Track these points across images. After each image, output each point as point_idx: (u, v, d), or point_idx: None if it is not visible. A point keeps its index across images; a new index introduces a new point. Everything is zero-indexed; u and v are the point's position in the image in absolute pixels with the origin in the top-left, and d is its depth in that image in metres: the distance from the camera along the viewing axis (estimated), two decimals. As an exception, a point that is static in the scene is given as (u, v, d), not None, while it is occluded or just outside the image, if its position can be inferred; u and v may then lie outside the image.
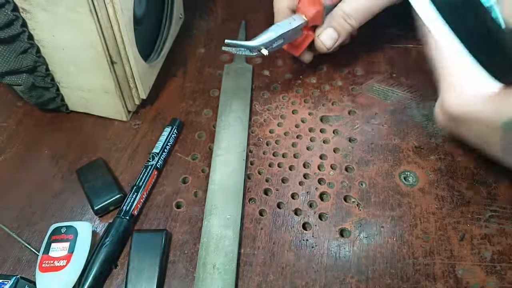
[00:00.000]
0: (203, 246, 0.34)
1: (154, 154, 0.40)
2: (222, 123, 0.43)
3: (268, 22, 0.54)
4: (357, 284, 0.33)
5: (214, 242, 0.34)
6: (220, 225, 0.35)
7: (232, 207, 0.36)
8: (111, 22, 0.36)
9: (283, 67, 0.49)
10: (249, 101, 0.45)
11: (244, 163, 0.40)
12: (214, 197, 0.37)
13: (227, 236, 0.35)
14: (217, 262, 0.33)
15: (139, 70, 0.40)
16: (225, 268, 0.33)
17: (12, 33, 0.35)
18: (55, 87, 0.42)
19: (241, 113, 0.43)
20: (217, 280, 0.32)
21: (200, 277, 0.33)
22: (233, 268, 0.33)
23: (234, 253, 0.34)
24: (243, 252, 0.35)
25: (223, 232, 0.35)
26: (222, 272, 0.33)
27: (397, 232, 0.36)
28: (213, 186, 0.38)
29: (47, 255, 0.33)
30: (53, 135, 0.43)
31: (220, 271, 0.33)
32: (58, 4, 0.34)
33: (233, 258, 0.34)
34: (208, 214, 0.36)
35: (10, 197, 0.39)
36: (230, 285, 0.32)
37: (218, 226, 0.35)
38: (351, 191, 0.38)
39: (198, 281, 0.33)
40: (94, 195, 0.37)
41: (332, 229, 0.36)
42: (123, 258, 0.35)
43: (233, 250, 0.34)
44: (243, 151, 0.40)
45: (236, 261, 0.34)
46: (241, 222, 0.36)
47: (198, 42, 0.53)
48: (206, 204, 0.37)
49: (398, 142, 0.42)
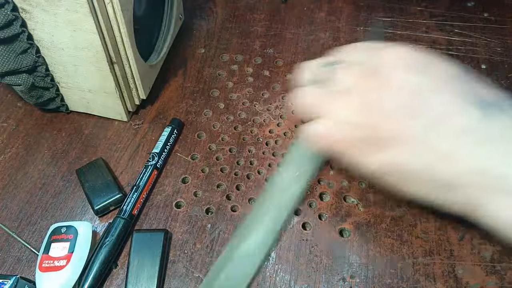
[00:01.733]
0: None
1: (154, 154, 0.40)
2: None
3: (267, 22, 0.54)
4: (357, 284, 0.33)
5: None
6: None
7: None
8: (111, 22, 0.36)
9: (283, 67, 0.49)
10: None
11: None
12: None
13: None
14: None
15: (139, 70, 0.40)
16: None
17: (11, 33, 0.35)
18: (55, 87, 0.42)
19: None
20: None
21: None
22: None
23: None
24: (243, 252, 0.35)
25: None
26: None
27: (397, 232, 0.36)
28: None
29: (47, 255, 0.33)
30: (53, 135, 0.44)
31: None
32: (58, 4, 0.34)
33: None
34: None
35: (10, 197, 0.39)
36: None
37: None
38: (350, 191, 0.38)
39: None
40: (94, 195, 0.37)
41: (331, 229, 0.36)
42: (123, 258, 0.35)
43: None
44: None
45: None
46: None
47: (198, 42, 0.53)
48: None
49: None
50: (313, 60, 0.34)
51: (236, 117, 0.44)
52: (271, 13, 0.56)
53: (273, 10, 0.56)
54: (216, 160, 0.41)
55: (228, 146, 0.42)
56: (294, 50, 0.51)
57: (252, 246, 0.34)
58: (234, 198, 0.38)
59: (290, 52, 0.51)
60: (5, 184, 0.40)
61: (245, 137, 0.43)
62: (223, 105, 0.46)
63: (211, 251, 0.35)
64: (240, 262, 0.33)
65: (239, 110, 0.45)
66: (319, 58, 0.34)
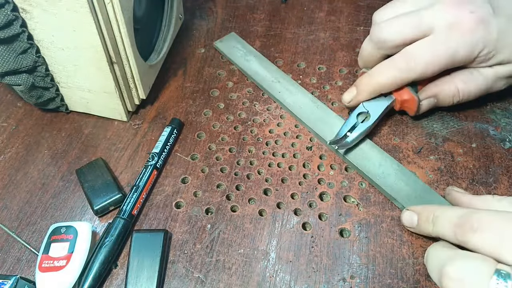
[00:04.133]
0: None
1: (154, 154, 0.40)
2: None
3: (267, 22, 0.54)
4: (357, 284, 0.33)
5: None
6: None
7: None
8: (111, 22, 0.36)
9: (283, 67, 0.49)
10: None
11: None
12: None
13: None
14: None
15: (139, 70, 0.40)
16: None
17: (11, 33, 0.35)
18: (55, 87, 0.42)
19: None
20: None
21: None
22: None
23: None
24: (242, 251, 0.35)
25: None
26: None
27: (397, 232, 0.36)
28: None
29: (47, 255, 0.33)
30: (53, 135, 0.43)
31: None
32: (58, 4, 0.34)
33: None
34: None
35: (10, 197, 0.39)
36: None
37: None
38: (350, 191, 0.38)
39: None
40: (94, 195, 0.37)
41: (332, 229, 0.36)
42: (123, 258, 0.35)
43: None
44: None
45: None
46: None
47: (198, 42, 0.53)
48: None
49: (398, 142, 0.42)
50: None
51: (236, 117, 0.44)
52: (271, 13, 0.56)
53: (273, 10, 0.56)
54: (216, 160, 0.41)
55: (228, 146, 0.42)
56: (294, 50, 0.51)
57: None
58: (234, 198, 0.38)
59: (290, 52, 0.51)
60: (5, 184, 0.40)
61: (245, 137, 0.43)
62: (223, 105, 0.46)
63: (211, 251, 0.35)
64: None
65: (239, 110, 0.45)
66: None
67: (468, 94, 0.40)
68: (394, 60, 0.38)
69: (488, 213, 0.28)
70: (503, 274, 0.24)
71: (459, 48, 0.36)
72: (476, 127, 0.42)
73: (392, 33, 0.38)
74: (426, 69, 0.37)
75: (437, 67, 0.37)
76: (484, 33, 0.36)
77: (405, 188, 0.37)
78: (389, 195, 0.37)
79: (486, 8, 0.36)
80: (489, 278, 0.25)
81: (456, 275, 0.26)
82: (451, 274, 0.26)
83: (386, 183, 0.38)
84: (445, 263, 0.27)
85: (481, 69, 0.39)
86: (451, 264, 0.27)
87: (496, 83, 0.39)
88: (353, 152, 0.40)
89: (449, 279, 0.26)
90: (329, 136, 0.41)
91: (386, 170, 0.39)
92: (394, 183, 0.38)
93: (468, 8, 0.36)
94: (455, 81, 0.39)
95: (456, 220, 0.29)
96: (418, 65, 0.37)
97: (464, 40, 0.36)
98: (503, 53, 0.37)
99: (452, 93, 0.40)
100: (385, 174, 0.38)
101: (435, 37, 0.36)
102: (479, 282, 0.25)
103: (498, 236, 0.26)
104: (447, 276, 0.26)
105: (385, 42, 0.38)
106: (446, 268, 0.27)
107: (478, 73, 0.39)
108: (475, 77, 0.39)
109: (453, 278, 0.26)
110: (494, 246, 0.26)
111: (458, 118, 0.43)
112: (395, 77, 0.39)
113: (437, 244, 0.31)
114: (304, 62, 0.50)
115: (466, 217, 0.28)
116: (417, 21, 0.37)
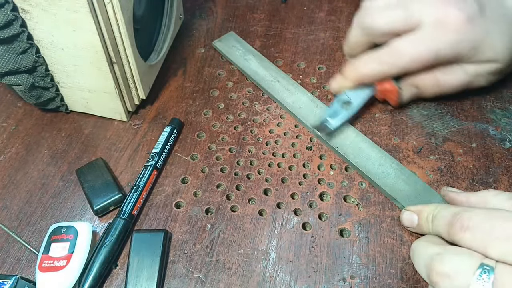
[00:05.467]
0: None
1: (154, 154, 0.40)
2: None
3: (267, 21, 0.54)
4: (357, 284, 0.33)
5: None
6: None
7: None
8: (111, 22, 0.36)
9: (283, 66, 0.49)
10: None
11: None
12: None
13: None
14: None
15: (139, 70, 0.40)
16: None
17: (11, 33, 0.35)
18: (55, 87, 0.42)
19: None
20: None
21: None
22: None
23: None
24: (242, 251, 0.35)
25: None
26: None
27: (397, 232, 0.36)
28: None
29: (47, 255, 0.33)
30: (53, 135, 0.43)
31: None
32: (58, 4, 0.34)
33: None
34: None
35: (10, 197, 0.39)
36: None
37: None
38: (350, 191, 0.38)
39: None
40: (94, 195, 0.37)
41: (332, 229, 0.36)
42: (123, 258, 0.35)
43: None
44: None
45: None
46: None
47: (198, 42, 0.53)
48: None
49: (398, 142, 0.42)
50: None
51: (236, 117, 0.44)
52: (271, 13, 0.56)
53: (273, 10, 0.56)
54: (216, 160, 0.41)
55: (228, 146, 0.42)
56: (294, 50, 0.51)
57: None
58: (234, 198, 0.38)
59: (290, 52, 0.51)
60: (5, 184, 0.40)
61: (245, 137, 0.43)
62: (223, 105, 0.46)
63: (211, 251, 0.35)
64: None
65: (239, 110, 0.45)
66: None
67: (449, 86, 0.40)
68: (379, 53, 0.39)
69: (478, 212, 0.28)
70: (487, 268, 0.25)
71: (444, 46, 0.37)
72: (476, 127, 0.42)
73: (380, 21, 0.38)
74: (410, 65, 0.38)
75: (421, 63, 0.38)
76: (470, 33, 0.36)
77: (405, 188, 0.37)
78: (389, 195, 0.37)
79: (474, 7, 0.36)
80: (474, 272, 0.25)
81: (444, 270, 0.27)
82: (439, 269, 0.27)
83: (386, 183, 0.38)
84: (433, 258, 0.27)
85: (463, 64, 0.39)
86: (439, 259, 0.27)
87: (476, 78, 0.40)
88: (353, 152, 0.40)
89: (437, 274, 0.27)
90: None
91: (386, 170, 0.39)
92: (394, 183, 0.38)
93: (456, 6, 0.36)
94: (435, 72, 0.40)
95: (450, 218, 0.29)
96: (403, 61, 0.38)
97: (450, 39, 0.37)
98: (485, 53, 0.37)
99: (431, 83, 0.40)
100: (385, 174, 0.38)
101: (422, 33, 0.37)
102: (464, 276, 0.26)
103: (487, 234, 0.26)
104: (435, 271, 0.27)
105: (372, 29, 0.39)
106: (434, 264, 0.27)
107: (459, 66, 0.39)
108: (455, 70, 0.39)
109: (441, 273, 0.27)
110: (482, 243, 0.26)
111: (458, 118, 0.43)
112: (378, 70, 0.39)
113: (421, 240, 0.31)
114: (304, 62, 0.50)
115: (458, 216, 0.28)
116: (406, 13, 0.37)
